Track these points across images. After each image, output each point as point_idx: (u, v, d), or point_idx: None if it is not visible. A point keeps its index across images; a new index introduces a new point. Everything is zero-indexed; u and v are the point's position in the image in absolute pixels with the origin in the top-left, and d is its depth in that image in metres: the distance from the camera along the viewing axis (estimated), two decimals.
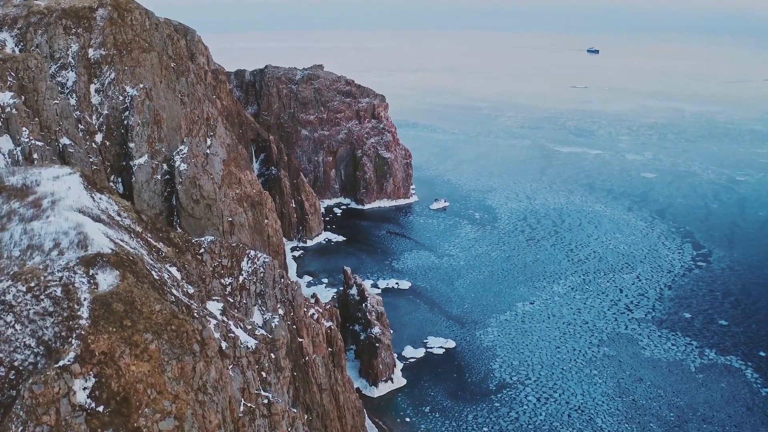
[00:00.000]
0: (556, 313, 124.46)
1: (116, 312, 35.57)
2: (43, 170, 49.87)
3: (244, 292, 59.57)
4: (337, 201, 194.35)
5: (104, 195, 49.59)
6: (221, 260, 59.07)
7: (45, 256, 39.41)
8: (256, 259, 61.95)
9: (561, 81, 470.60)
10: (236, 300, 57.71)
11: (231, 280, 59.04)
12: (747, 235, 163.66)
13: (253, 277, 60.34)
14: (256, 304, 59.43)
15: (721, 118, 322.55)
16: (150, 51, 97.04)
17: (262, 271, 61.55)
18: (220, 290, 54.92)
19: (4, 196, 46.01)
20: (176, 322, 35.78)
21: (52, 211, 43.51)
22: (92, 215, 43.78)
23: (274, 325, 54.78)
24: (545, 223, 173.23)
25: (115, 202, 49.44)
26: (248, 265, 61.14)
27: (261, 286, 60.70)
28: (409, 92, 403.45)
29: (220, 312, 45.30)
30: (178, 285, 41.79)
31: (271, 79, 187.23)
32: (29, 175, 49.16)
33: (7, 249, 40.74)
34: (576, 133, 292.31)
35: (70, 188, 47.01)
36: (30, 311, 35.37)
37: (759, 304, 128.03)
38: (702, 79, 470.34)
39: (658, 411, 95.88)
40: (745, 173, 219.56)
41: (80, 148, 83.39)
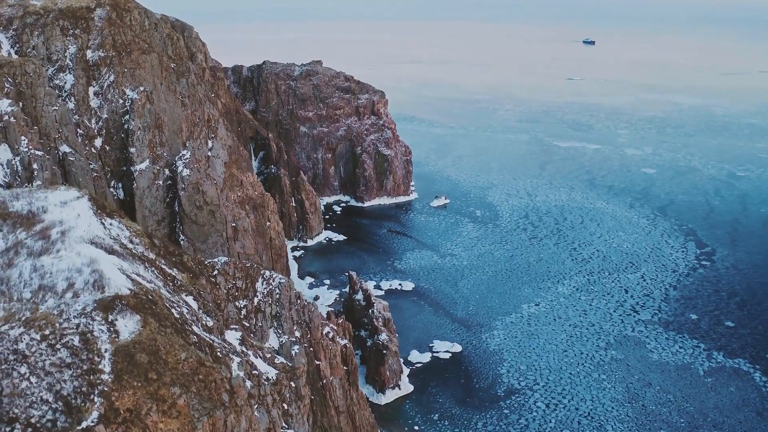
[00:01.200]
0: (561, 315, 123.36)
1: (140, 364, 33.64)
2: (50, 194, 47.59)
3: (260, 314, 58.01)
4: (336, 198, 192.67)
5: (114, 220, 47.58)
6: (235, 282, 57.51)
7: (59, 298, 37.12)
8: (271, 280, 60.41)
9: (557, 73, 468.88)
10: (252, 323, 56.19)
11: (246, 303, 57.50)
12: (750, 232, 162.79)
13: (268, 299, 58.82)
14: (272, 327, 57.93)
15: (718, 111, 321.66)
16: (150, 52, 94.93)
17: (277, 293, 60.02)
18: (235, 314, 53.35)
19: (9, 224, 43.50)
20: (203, 370, 34.04)
21: (63, 244, 41.13)
22: (105, 246, 41.75)
23: (294, 352, 53.31)
24: (547, 221, 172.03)
25: (126, 227, 47.55)
26: (263, 287, 59.61)
27: (277, 308, 59.19)
28: (406, 85, 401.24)
29: (239, 341, 43.80)
30: (197, 319, 40.13)
31: (269, 75, 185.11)
32: (35, 200, 46.62)
33: (17, 289, 38.10)
34: (574, 127, 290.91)
35: (80, 215, 44.68)
36: (46, 362, 33.14)
37: (764, 304, 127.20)
38: (698, 71, 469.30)
39: (668, 417, 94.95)
40: (746, 169, 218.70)
41: (80, 156, 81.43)
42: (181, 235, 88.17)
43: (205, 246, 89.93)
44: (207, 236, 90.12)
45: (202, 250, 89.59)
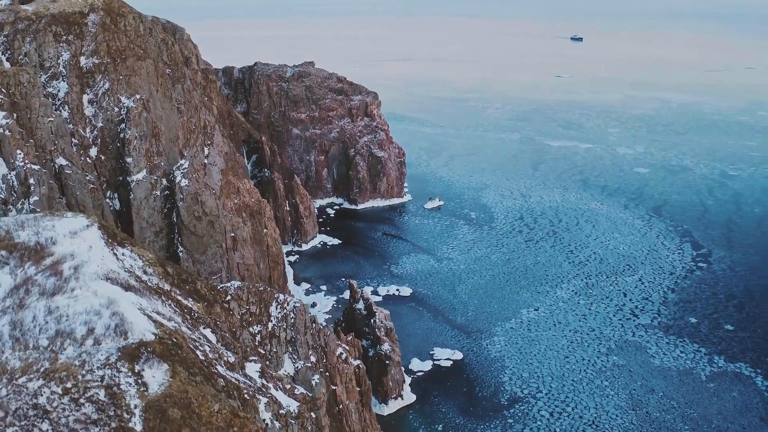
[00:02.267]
0: (561, 320, 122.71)
1: (173, 420, 31.94)
2: (57, 222, 45.67)
3: (274, 339, 56.67)
4: (329, 201, 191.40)
5: (126, 249, 45.95)
6: (249, 307, 56.09)
7: (79, 346, 34.95)
8: (285, 304, 59.08)
9: (545, 70, 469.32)
10: (267, 350, 54.84)
11: (260, 328, 56.10)
12: (745, 233, 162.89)
13: (283, 324, 57.47)
14: (287, 352, 56.63)
15: (707, 108, 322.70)
16: (145, 58, 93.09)
17: (292, 317, 58.66)
18: (250, 341, 52.05)
19: (16, 258, 41.42)
20: (237, 422, 32.60)
21: (77, 282, 39.17)
22: (121, 282, 40.11)
23: (315, 382, 52.12)
24: (542, 223, 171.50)
25: (138, 256, 45.96)
26: (277, 311, 58.25)
27: (292, 333, 57.84)
28: (396, 83, 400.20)
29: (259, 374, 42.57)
30: (219, 356, 38.78)
31: (260, 77, 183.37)
32: (42, 230, 44.42)
33: (32, 336, 35.55)
34: (565, 126, 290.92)
35: (92, 247, 42.68)
36: (69, 418, 31.01)
37: (763, 307, 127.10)
38: (685, 68, 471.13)
39: (673, 424, 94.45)
40: (737, 167, 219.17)
41: (77, 169, 79.60)
42: (179, 247, 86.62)
43: (204, 257, 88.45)
44: (206, 247, 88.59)
45: (201, 262, 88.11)
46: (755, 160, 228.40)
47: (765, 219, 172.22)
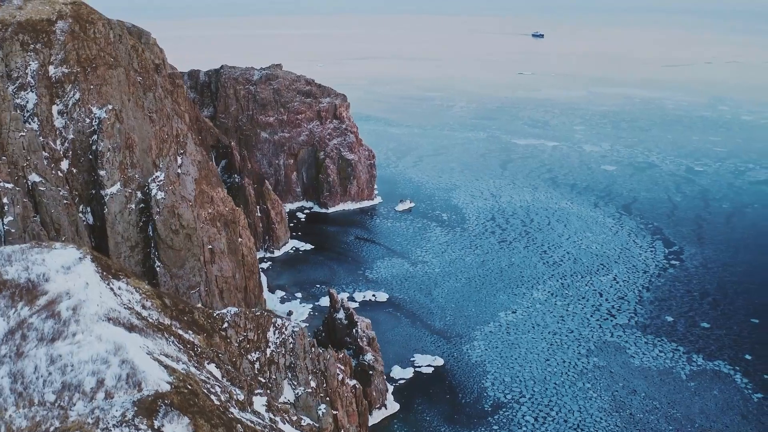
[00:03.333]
0: (540, 322, 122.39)
1: None
2: (47, 255, 42.74)
3: (273, 366, 54.73)
4: (299, 205, 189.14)
5: (122, 281, 43.46)
6: (246, 334, 54.02)
7: (89, 401, 32.04)
8: (284, 329, 57.16)
9: (508, 67, 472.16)
10: (266, 377, 52.87)
11: (258, 355, 54.12)
12: (714, 229, 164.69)
13: (281, 349, 55.59)
14: (286, 378, 54.76)
15: (670, 104, 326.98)
16: (116, 67, 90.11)
17: (291, 342, 56.76)
18: (250, 370, 50.06)
19: (6, 297, 38.21)
20: None
21: (78, 325, 36.30)
22: (124, 323, 37.67)
23: (321, 413, 50.48)
24: (514, 223, 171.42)
25: (134, 289, 43.59)
26: (275, 336, 56.29)
27: (291, 359, 56.01)
28: (360, 82, 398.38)
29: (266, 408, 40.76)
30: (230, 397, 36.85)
31: (227, 80, 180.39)
32: (32, 265, 41.37)
33: (36, 389, 32.16)
34: (531, 124, 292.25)
35: (88, 284, 39.98)
36: None
37: (737, 304, 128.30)
38: (645, 63, 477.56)
39: (656, 425, 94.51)
40: (703, 163, 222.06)
41: (51, 185, 76.66)
42: (156, 261, 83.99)
43: (182, 272, 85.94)
44: (184, 261, 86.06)
45: (179, 276, 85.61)
46: (720, 155, 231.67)
47: (733, 215, 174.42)
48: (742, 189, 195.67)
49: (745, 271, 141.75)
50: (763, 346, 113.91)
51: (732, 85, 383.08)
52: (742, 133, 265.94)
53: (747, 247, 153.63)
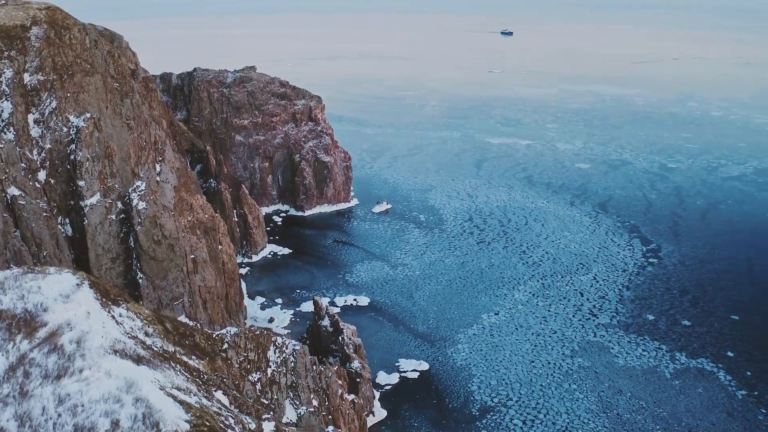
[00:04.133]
0: (522, 324, 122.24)
1: None
2: (42, 281, 40.45)
3: (275, 386, 53.37)
4: (275, 208, 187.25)
5: (122, 308, 41.52)
6: (247, 354, 52.54)
7: None
8: (284, 348, 55.78)
9: (478, 66, 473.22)
10: (268, 398, 51.45)
11: (259, 375, 52.68)
12: (690, 226, 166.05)
13: (282, 369, 54.23)
14: (288, 398, 53.48)
15: (639, 101, 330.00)
16: (93, 73, 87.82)
17: (292, 361, 55.42)
18: (252, 392, 48.71)
19: (2, 329, 35.86)
20: None
21: (84, 360, 34.03)
22: (130, 354, 35.73)
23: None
24: (492, 223, 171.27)
25: (135, 315, 41.72)
26: (276, 355, 54.86)
27: (292, 378, 54.67)
28: (329, 82, 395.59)
29: None
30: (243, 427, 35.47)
31: (200, 83, 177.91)
32: (27, 293, 38.91)
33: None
34: (503, 123, 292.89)
35: (89, 313, 37.78)
36: None
37: (716, 301, 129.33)
38: (613, 60, 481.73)
39: (644, 425, 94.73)
40: (676, 160, 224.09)
41: (31, 199, 74.39)
42: (139, 273, 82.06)
43: (165, 283, 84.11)
44: (167, 272, 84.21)
45: (162, 288, 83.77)
46: (692, 151, 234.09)
47: (708, 211, 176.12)
48: (715, 185, 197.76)
49: (722, 268, 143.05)
50: (744, 343, 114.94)
51: (700, 81, 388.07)
52: (713, 129, 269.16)
53: (723, 244, 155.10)
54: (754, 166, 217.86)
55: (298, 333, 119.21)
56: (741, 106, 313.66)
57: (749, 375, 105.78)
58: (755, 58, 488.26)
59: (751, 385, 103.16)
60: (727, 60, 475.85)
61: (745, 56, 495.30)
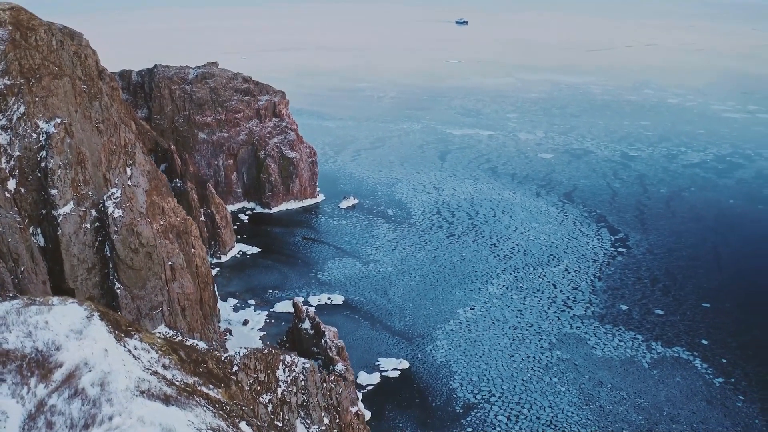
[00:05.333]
0: (499, 318, 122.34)
1: None
2: (47, 315, 36.67)
3: (286, 406, 51.70)
4: (240, 206, 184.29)
5: (134, 339, 38.85)
6: (257, 375, 50.72)
7: None
8: (293, 366, 54.10)
9: (434, 56, 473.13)
10: (280, 420, 49.81)
11: (270, 396, 50.91)
12: (656, 215, 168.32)
13: (293, 388, 52.55)
14: (299, 417, 51.98)
15: (596, 89, 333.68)
16: (61, 76, 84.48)
17: (302, 379, 53.81)
18: (266, 416, 47.00)
19: (13, 372, 31.72)
20: None
21: (111, 405, 30.63)
22: (157, 394, 33.19)
23: None
24: (460, 216, 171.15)
25: (149, 346, 39.19)
26: (285, 375, 53.11)
27: (303, 396, 53.08)
28: (284, 75, 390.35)
29: None
30: None
31: (161, 80, 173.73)
32: (35, 330, 35.16)
33: None
34: (463, 113, 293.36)
35: (107, 350, 34.64)
36: None
37: (687, 289, 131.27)
38: (567, 48, 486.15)
39: (627, 416, 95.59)
40: (637, 148, 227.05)
41: (6, 212, 71.28)
42: (116, 283, 79.46)
43: (144, 292, 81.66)
44: (145, 281, 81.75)
45: (141, 297, 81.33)
46: (652, 139, 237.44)
47: (672, 199, 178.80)
48: (677, 173, 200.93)
49: (690, 256, 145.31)
50: (717, 330, 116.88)
51: (654, 68, 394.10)
52: (670, 117, 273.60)
53: (689, 231, 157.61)
54: (714, 153, 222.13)
55: (275, 334, 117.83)
56: (696, 93, 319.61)
57: (725, 362, 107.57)
58: (706, 44, 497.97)
59: (727, 373, 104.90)
60: (678, 47, 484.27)
61: (697, 43, 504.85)
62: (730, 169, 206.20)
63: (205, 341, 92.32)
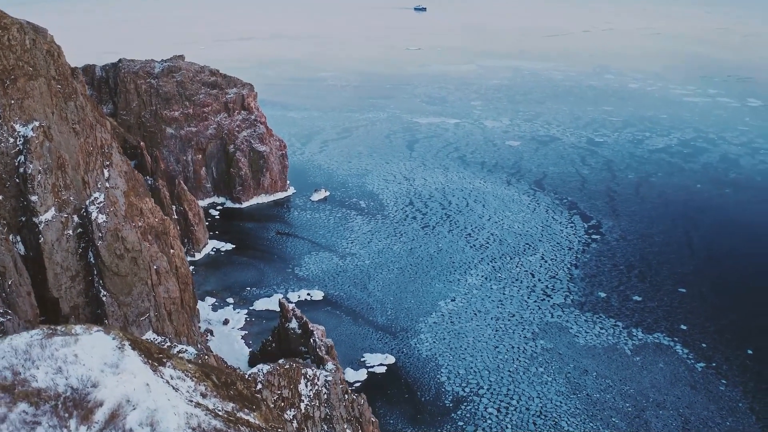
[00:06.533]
0: (480, 309, 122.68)
1: None
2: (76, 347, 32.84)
3: (309, 421, 50.64)
4: (211, 201, 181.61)
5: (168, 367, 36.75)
6: (281, 391, 49.44)
7: None
8: (315, 380, 53.06)
9: (394, 43, 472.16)
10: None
11: (294, 412, 49.76)
12: (626, 200, 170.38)
13: (316, 402, 51.55)
14: (322, 431, 50.99)
15: (557, 75, 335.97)
16: (36, 77, 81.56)
17: (325, 392, 52.81)
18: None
19: (48, 414, 29.19)
20: None
21: None
22: (208, 429, 30.96)
23: None
24: (433, 206, 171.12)
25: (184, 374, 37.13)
26: (307, 389, 51.99)
27: (326, 410, 52.12)
28: (244, 65, 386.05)
29: None
30: None
31: (126, 75, 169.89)
32: (66, 365, 32.19)
33: None
34: (428, 102, 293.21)
35: (149, 385, 31.44)
36: None
37: (662, 274, 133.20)
38: (525, 34, 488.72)
39: (614, 403, 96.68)
40: (602, 134, 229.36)
41: None
42: (102, 291, 77.37)
43: (130, 299, 79.65)
44: (131, 287, 79.74)
45: (128, 304, 79.33)
46: (616, 125, 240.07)
47: (640, 185, 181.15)
48: (643, 158, 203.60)
49: (662, 241, 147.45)
50: (694, 315, 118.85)
51: (613, 53, 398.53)
52: (632, 102, 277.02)
53: (659, 217, 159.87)
54: (678, 137, 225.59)
55: (256, 333, 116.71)
56: (656, 78, 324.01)
57: (705, 347, 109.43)
58: (663, 28, 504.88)
59: (708, 357, 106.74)
60: (635, 31, 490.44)
61: (653, 27, 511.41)
62: (695, 153, 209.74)
63: (192, 346, 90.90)
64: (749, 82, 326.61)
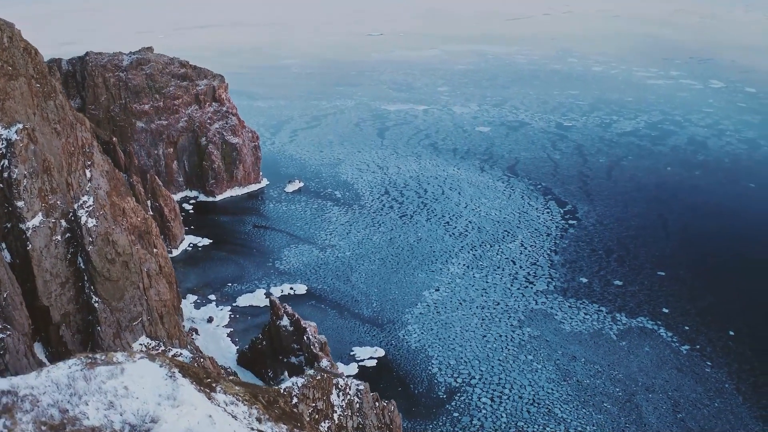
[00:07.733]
0: (465, 298, 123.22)
1: None
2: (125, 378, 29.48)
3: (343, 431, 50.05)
4: (183, 195, 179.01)
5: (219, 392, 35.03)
6: (315, 404, 48.56)
7: None
8: (347, 390, 52.29)
9: (354, 29, 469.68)
10: None
11: (329, 423, 48.95)
12: (599, 185, 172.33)
13: (348, 412, 50.86)
14: None
15: (521, 59, 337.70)
16: (17, 77, 79.04)
17: (357, 402, 52.15)
18: None
19: None
20: None
21: None
22: None
23: None
24: (409, 195, 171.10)
25: (235, 398, 35.52)
26: (339, 399, 51.28)
27: (359, 419, 51.52)
28: (206, 54, 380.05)
29: None
30: None
31: (94, 68, 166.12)
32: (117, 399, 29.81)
33: None
34: (395, 88, 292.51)
35: (212, 417, 29.64)
36: None
37: (641, 258, 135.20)
38: (485, 18, 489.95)
39: (605, 388, 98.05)
40: (570, 118, 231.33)
41: None
42: (93, 297, 75.70)
43: (123, 304, 78.04)
44: (123, 292, 78.10)
45: (120, 309, 77.71)
46: (583, 109, 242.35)
47: (612, 168, 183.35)
48: (613, 142, 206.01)
49: (638, 225, 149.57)
50: (675, 298, 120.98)
51: (574, 36, 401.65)
52: (597, 85, 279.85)
53: (633, 201, 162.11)
54: (645, 120, 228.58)
55: (242, 330, 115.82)
56: (619, 61, 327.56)
57: (687, 330, 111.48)
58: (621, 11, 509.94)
59: (691, 339, 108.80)
60: (594, 13, 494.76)
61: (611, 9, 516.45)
62: (662, 136, 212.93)
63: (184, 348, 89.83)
64: (710, 64, 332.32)
